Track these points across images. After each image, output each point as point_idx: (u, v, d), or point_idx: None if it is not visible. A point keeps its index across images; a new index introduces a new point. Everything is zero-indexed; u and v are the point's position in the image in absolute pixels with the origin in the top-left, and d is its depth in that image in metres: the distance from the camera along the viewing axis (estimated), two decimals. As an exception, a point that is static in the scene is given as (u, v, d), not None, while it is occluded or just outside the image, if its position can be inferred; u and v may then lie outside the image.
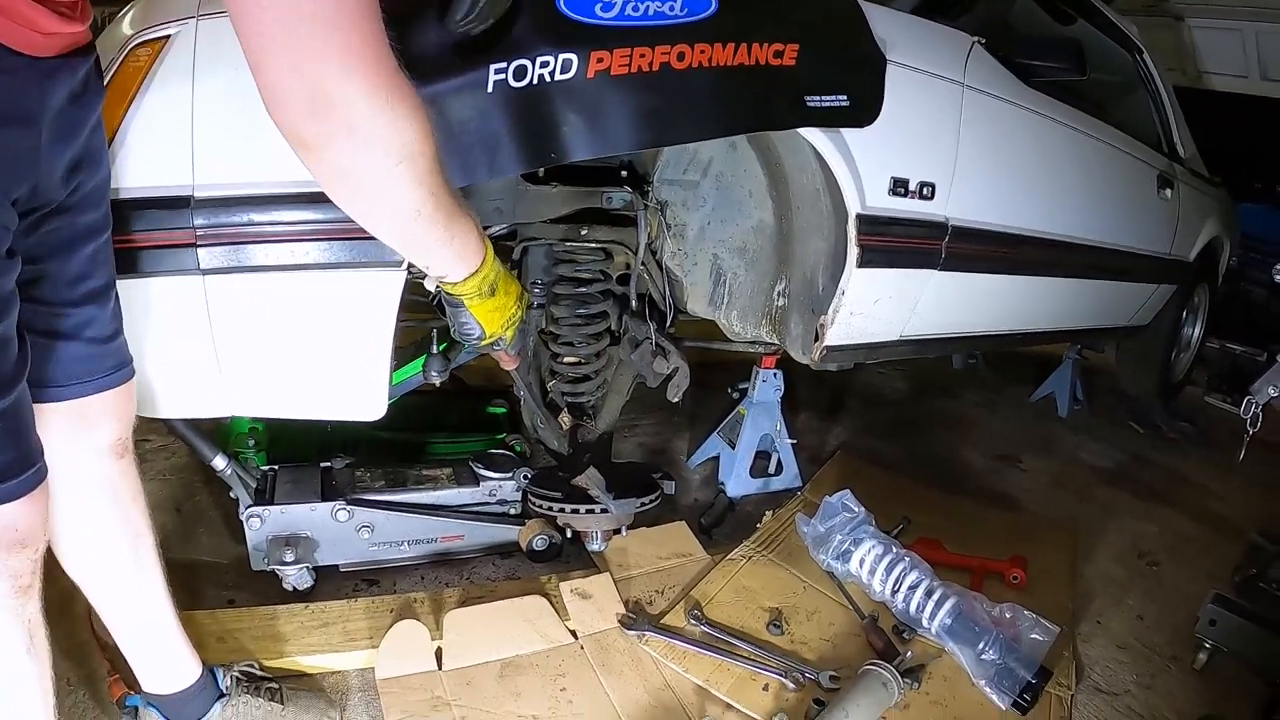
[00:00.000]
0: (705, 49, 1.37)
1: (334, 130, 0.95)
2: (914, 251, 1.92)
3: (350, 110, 0.94)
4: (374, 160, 0.99)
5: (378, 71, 0.94)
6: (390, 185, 1.03)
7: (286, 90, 0.92)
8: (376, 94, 0.94)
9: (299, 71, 0.91)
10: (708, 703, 1.66)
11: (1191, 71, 4.89)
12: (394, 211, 1.08)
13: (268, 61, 0.91)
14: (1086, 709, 1.85)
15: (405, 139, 0.99)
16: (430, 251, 1.21)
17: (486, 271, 1.29)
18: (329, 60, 0.90)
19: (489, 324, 1.39)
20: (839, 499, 2.11)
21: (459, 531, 2.04)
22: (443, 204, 1.11)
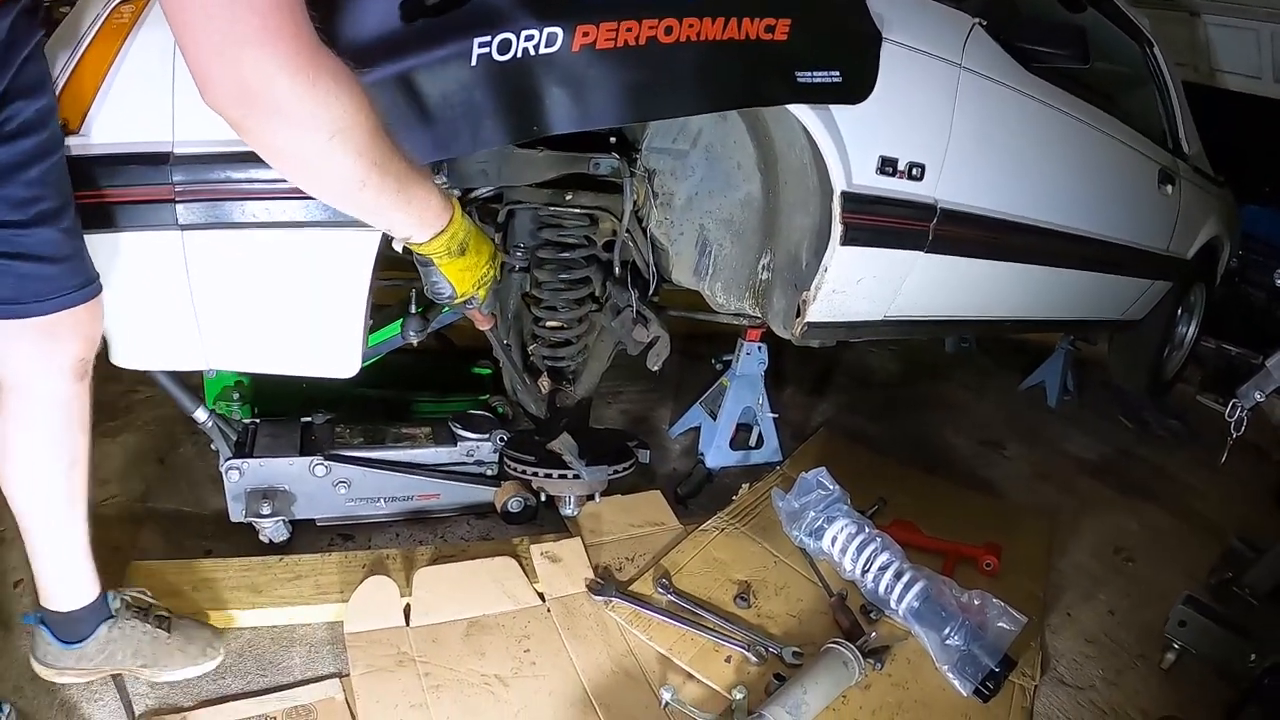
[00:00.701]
0: (694, 23, 1.35)
1: (260, 112, 0.98)
2: (900, 232, 1.91)
3: (273, 91, 0.96)
4: (304, 137, 1.02)
5: (297, 51, 0.96)
6: (326, 160, 1.05)
7: (211, 75, 0.96)
8: (298, 74, 0.96)
9: (220, 56, 0.94)
10: (669, 671, 1.68)
11: (1205, 69, 4.83)
12: (337, 183, 1.11)
13: (191, 47, 0.94)
14: (1049, 701, 1.86)
15: (334, 114, 1.01)
16: (386, 217, 1.23)
17: (454, 231, 1.31)
18: (247, 44, 0.93)
19: (460, 283, 1.41)
20: (815, 476, 2.12)
21: (435, 490, 2.06)
22: (391, 170, 1.12)
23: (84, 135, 1.23)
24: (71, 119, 1.22)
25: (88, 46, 1.23)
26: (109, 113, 1.23)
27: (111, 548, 1.84)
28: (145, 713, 1.46)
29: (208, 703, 1.49)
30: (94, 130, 1.23)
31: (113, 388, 2.52)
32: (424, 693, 1.52)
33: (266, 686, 1.55)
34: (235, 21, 0.91)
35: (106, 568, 1.74)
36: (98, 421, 2.29)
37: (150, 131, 1.24)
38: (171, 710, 1.47)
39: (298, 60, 0.96)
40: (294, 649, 1.65)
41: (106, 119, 1.24)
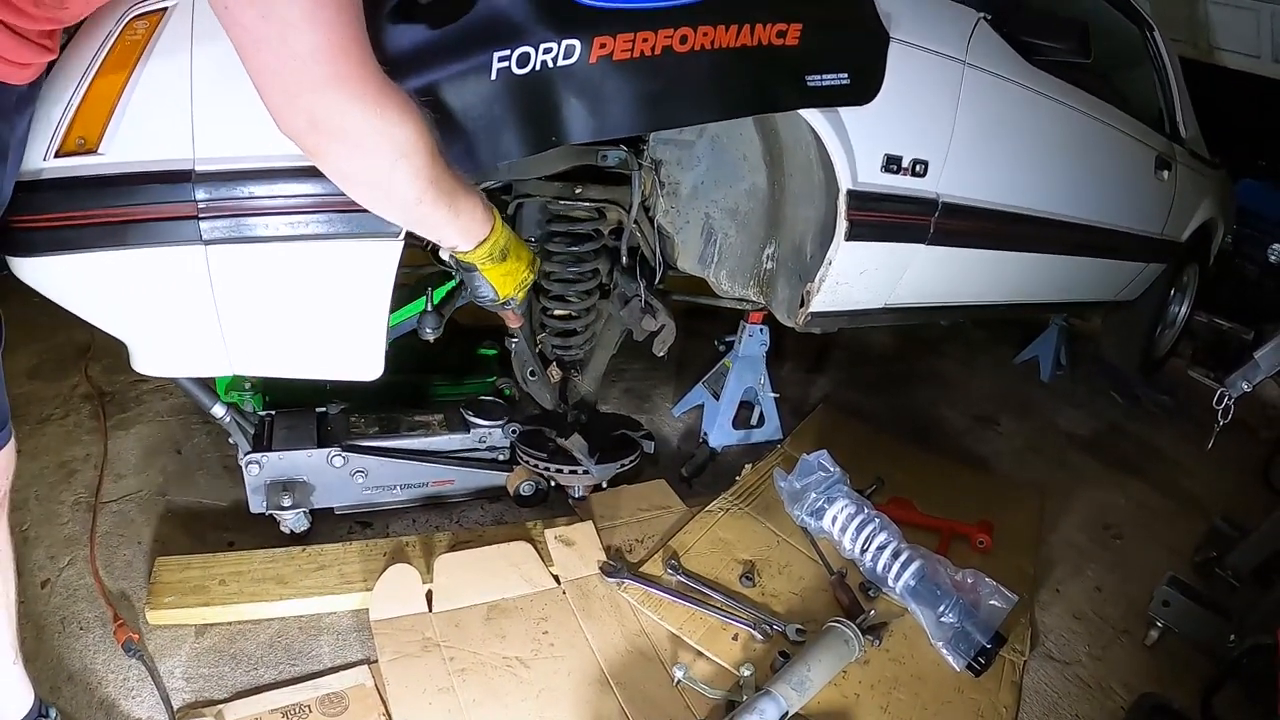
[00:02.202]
0: (708, 31, 1.37)
1: (331, 142, 1.06)
2: (903, 226, 1.95)
3: (343, 126, 1.04)
4: (371, 163, 1.10)
5: (364, 90, 1.03)
6: (389, 181, 1.13)
7: (285, 113, 1.03)
8: (367, 110, 1.04)
9: (295, 99, 1.01)
10: (680, 650, 1.76)
11: (1204, 46, 4.83)
12: (397, 202, 1.18)
13: (266, 91, 1.02)
14: (1038, 675, 1.95)
15: (397, 142, 1.08)
16: (437, 229, 1.30)
17: (495, 239, 1.37)
18: (319, 90, 1.00)
19: (502, 287, 1.48)
20: (816, 458, 2.19)
21: (449, 476, 2.12)
22: (444, 188, 1.19)
23: (102, 154, 1.23)
24: (89, 138, 1.23)
25: (102, 64, 1.22)
26: (127, 131, 1.24)
27: (135, 543, 1.91)
28: (183, 707, 1.52)
29: (243, 694, 1.56)
30: (113, 149, 1.24)
31: (121, 378, 2.57)
32: (450, 676, 1.60)
33: (297, 676, 1.61)
34: (305, 72, 0.99)
35: (131, 565, 1.84)
36: (111, 414, 2.37)
37: (171, 149, 1.25)
38: (208, 703, 1.53)
39: (365, 97, 1.03)
40: (322, 637, 1.71)
41: (125, 138, 1.24)
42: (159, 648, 1.64)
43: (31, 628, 1.64)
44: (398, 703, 1.53)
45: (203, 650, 1.65)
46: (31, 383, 2.51)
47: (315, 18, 0.95)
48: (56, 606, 1.71)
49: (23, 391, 2.45)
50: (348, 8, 0.98)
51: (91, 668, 1.58)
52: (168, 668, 1.60)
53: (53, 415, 2.37)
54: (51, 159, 1.23)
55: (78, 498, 2.03)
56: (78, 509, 1.99)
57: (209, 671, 1.60)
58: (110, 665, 1.59)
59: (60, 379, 2.55)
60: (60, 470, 2.13)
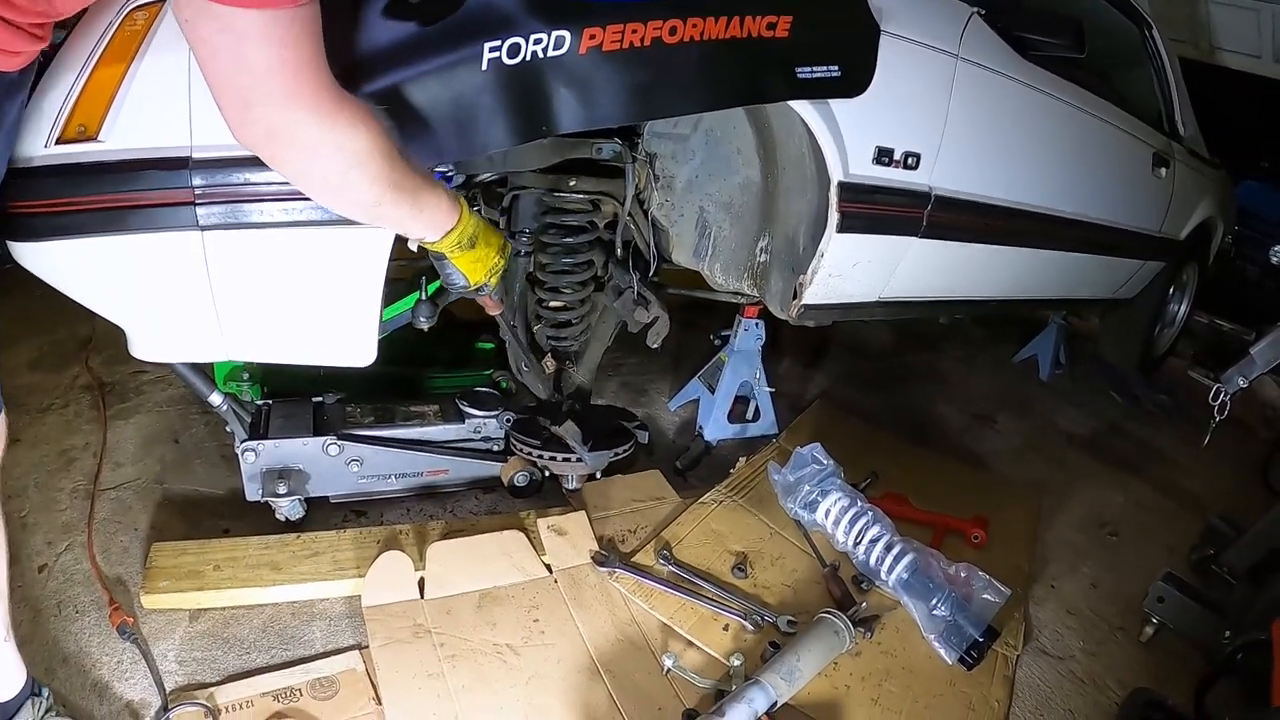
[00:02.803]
0: (698, 22, 1.39)
1: (286, 151, 1.10)
2: (895, 219, 1.96)
3: (298, 138, 1.07)
4: (326, 169, 1.13)
5: (318, 103, 1.06)
6: (346, 186, 1.16)
7: (242, 125, 1.05)
8: (321, 122, 1.07)
9: (249, 110, 1.04)
10: (670, 639, 1.77)
11: (1204, 46, 4.83)
12: (356, 205, 1.21)
13: (223, 102, 1.04)
14: (1031, 670, 1.94)
15: (352, 150, 1.11)
16: (403, 225, 1.34)
17: (463, 228, 1.39)
18: (274, 103, 1.03)
19: (472, 274, 1.50)
20: (810, 451, 2.19)
21: (444, 466, 2.14)
22: (405, 188, 1.22)
23: (102, 141, 1.25)
24: (89, 125, 1.25)
25: (102, 54, 1.25)
26: (127, 119, 1.26)
27: (132, 530, 1.93)
28: (175, 689, 1.54)
29: (234, 677, 1.57)
30: (113, 136, 1.26)
31: (121, 369, 2.59)
32: (440, 662, 1.61)
33: (289, 660, 1.63)
34: (261, 81, 1.01)
35: (127, 551, 1.85)
36: (111, 404, 2.39)
37: (169, 137, 1.27)
38: (200, 686, 1.55)
39: (319, 110, 1.06)
40: (314, 623, 1.73)
41: (125, 125, 1.26)
42: (153, 631, 1.65)
43: (28, 611, 1.65)
44: (388, 687, 1.54)
45: (196, 634, 1.66)
46: (33, 374, 2.54)
47: (270, 34, 0.97)
48: (53, 591, 1.73)
49: (24, 382, 2.48)
50: (303, 24, 1.00)
51: (86, 650, 1.60)
52: (161, 651, 1.61)
53: (53, 405, 2.39)
54: (52, 146, 1.25)
55: (76, 485, 2.05)
56: (76, 496, 2.01)
57: (202, 655, 1.62)
58: (104, 648, 1.60)
59: (61, 370, 2.58)
60: (60, 459, 2.15)
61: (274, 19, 0.97)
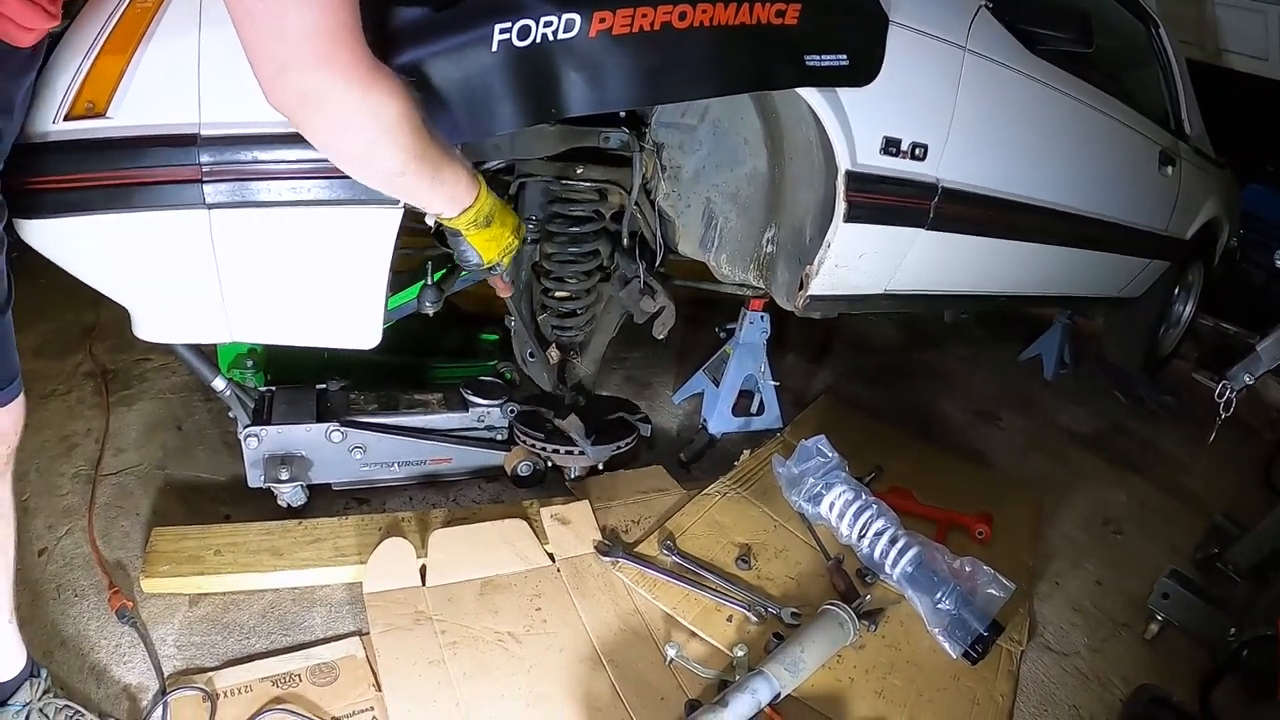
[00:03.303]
0: (707, 8, 1.39)
1: (318, 116, 1.10)
2: (902, 210, 1.95)
3: (329, 102, 1.08)
4: (355, 136, 1.14)
5: (353, 70, 1.06)
6: (373, 154, 1.16)
7: (275, 87, 1.06)
8: (352, 87, 1.07)
9: (284, 74, 1.05)
10: (674, 630, 1.76)
11: (1211, 48, 4.81)
12: (381, 173, 1.21)
13: (258, 65, 1.05)
14: (1035, 665, 1.94)
15: (382, 119, 1.11)
16: (421, 197, 1.33)
17: (480, 205, 1.40)
18: (307, 66, 1.04)
19: (486, 252, 1.51)
20: (814, 443, 2.18)
21: (448, 455, 2.13)
22: (428, 159, 1.22)
23: (110, 118, 1.25)
24: (97, 102, 1.25)
25: (112, 30, 1.25)
26: (135, 96, 1.26)
27: (133, 515, 1.92)
28: (173, 673, 1.53)
29: (234, 662, 1.56)
30: (121, 113, 1.26)
31: (124, 356, 2.59)
32: (441, 649, 1.60)
33: (289, 645, 1.62)
34: (295, 49, 1.02)
35: (128, 536, 1.84)
36: (114, 390, 2.39)
37: (177, 114, 1.27)
38: (198, 670, 1.54)
39: (352, 76, 1.06)
40: (315, 609, 1.72)
41: (133, 102, 1.26)
42: (152, 616, 1.65)
43: (27, 594, 1.65)
44: (388, 674, 1.53)
45: (196, 619, 1.65)
46: (37, 360, 2.53)
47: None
48: (53, 574, 1.72)
49: (28, 368, 2.40)
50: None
51: (85, 634, 1.59)
52: (160, 635, 1.60)
53: (56, 391, 2.39)
54: (60, 122, 1.25)
55: (78, 470, 2.05)
56: (78, 481, 2.00)
57: (201, 640, 1.61)
58: (103, 632, 1.59)
59: (65, 357, 2.57)
60: (62, 444, 2.14)
61: None
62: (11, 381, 1.19)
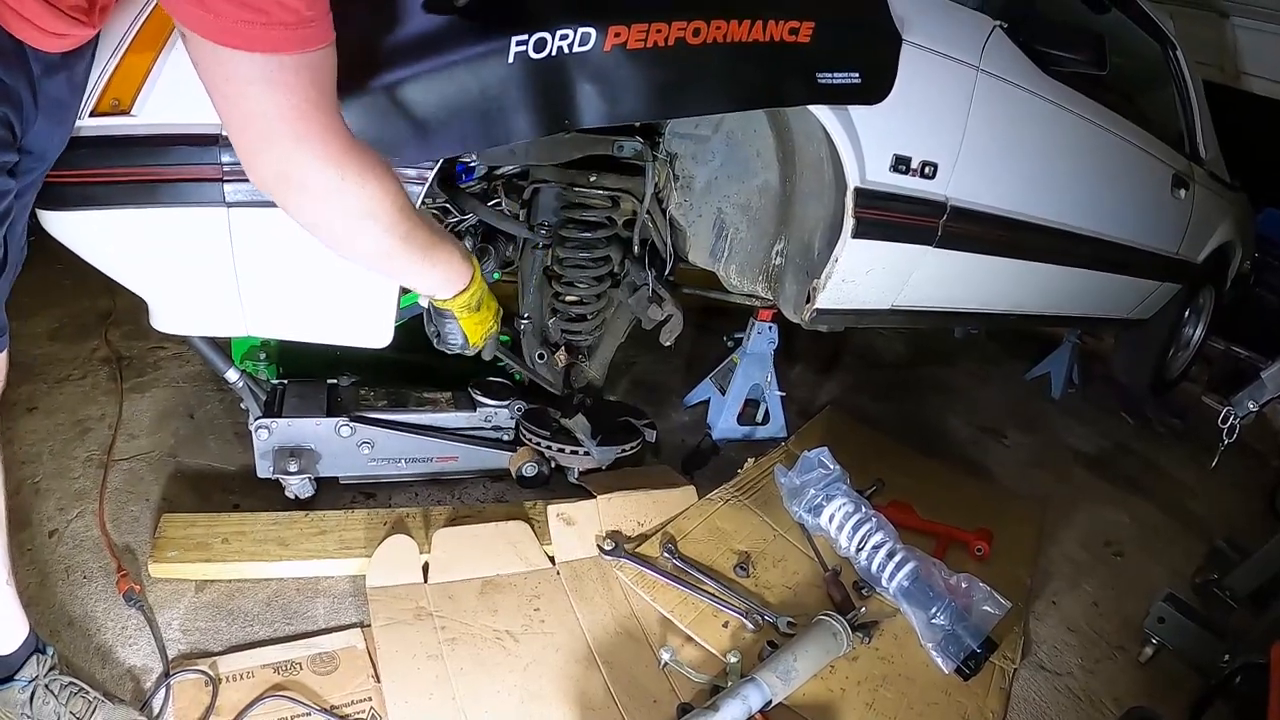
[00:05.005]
0: (721, 25, 1.41)
1: (295, 196, 1.10)
2: (910, 227, 1.97)
3: (306, 182, 1.07)
4: (335, 218, 1.14)
5: (326, 150, 1.05)
6: (356, 236, 1.17)
7: (252, 164, 1.06)
8: (328, 169, 1.06)
9: (260, 153, 1.05)
10: (669, 634, 1.78)
11: (1230, 70, 4.80)
12: (366, 253, 1.23)
13: (236, 143, 1.06)
14: (1028, 684, 1.95)
15: (361, 200, 1.11)
16: (414, 279, 1.35)
17: (474, 289, 1.42)
18: (284, 144, 1.03)
19: (473, 335, 1.53)
20: (816, 455, 2.20)
21: (454, 453, 2.16)
22: (417, 241, 1.23)
23: (135, 116, 1.27)
24: (123, 99, 1.27)
25: (139, 30, 1.26)
26: (160, 95, 1.28)
27: (143, 500, 1.96)
28: (177, 657, 1.56)
29: (237, 648, 1.59)
30: (145, 111, 1.28)
31: (139, 344, 2.63)
32: (440, 645, 1.62)
33: (292, 634, 1.65)
34: (273, 124, 1.01)
35: (138, 521, 1.88)
36: (128, 377, 2.43)
37: (200, 114, 1.27)
38: (202, 655, 1.57)
39: (328, 157, 1.06)
40: (318, 600, 1.75)
41: (157, 101, 1.28)
42: (159, 600, 1.68)
43: (36, 574, 1.69)
44: (387, 666, 1.56)
45: (201, 604, 1.69)
46: (52, 344, 2.57)
47: (271, 80, 0.97)
48: (62, 556, 1.75)
49: (43, 352, 2.51)
50: (311, 69, 1.00)
51: (92, 615, 1.62)
52: (166, 619, 1.64)
53: (71, 376, 2.43)
54: (86, 118, 1.27)
55: (90, 454, 2.08)
56: (90, 465, 2.04)
57: (206, 625, 1.64)
58: (110, 614, 1.63)
59: (80, 342, 2.61)
60: (75, 428, 2.18)
61: (278, 64, 0.97)
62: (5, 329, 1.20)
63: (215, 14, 0.92)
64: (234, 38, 0.94)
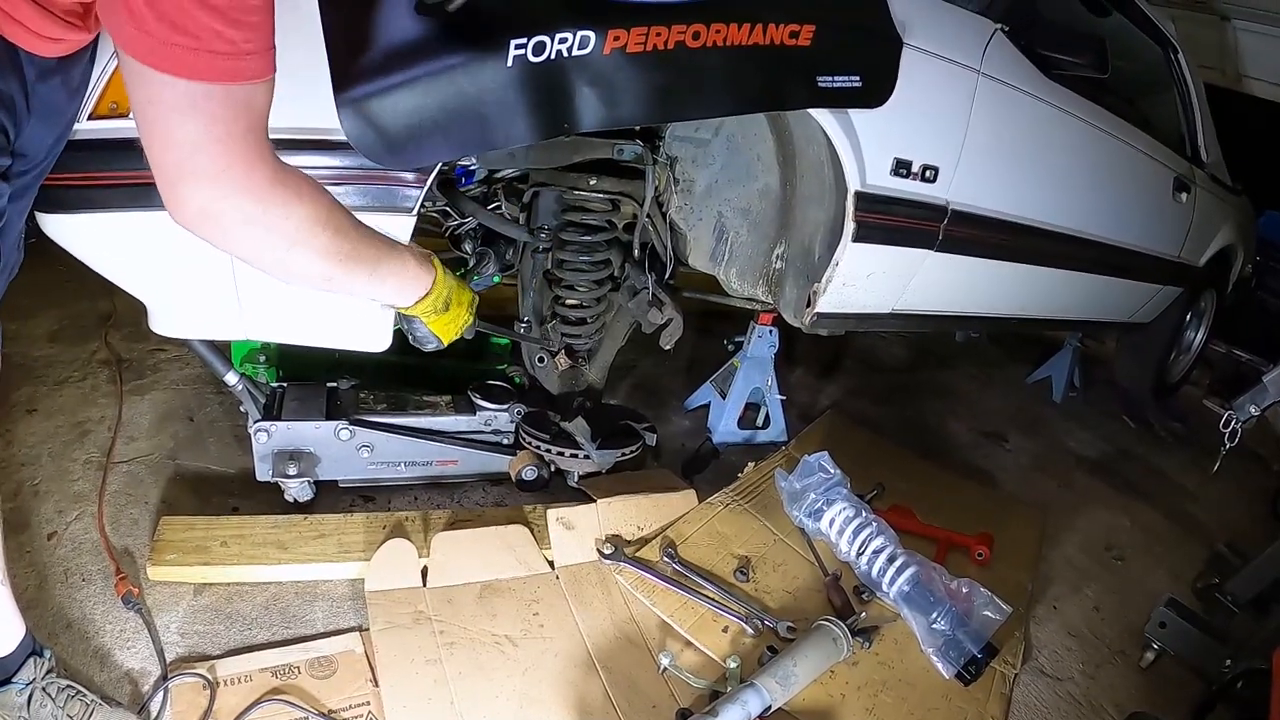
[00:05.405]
0: (721, 28, 1.40)
1: (220, 231, 1.04)
2: (911, 231, 1.96)
3: (226, 217, 1.01)
4: (263, 249, 1.09)
5: (249, 183, 0.99)
6: (289, 264, 1.12)
7: (172, 200, 0.99)
8: (248, 203, 1.01)
9: (177, 186, 0.98)
10: (669, 638, 1.78)
11: (1231, 73, 4.80)
12: (305, 279, 1.17)
13: (156, 177, 0.99)
14: (1029, 689, 1.94)
15: (288, 230, 1.06)
16: (366, 294, 1.30)
17: (438, 292, 1.38)
18: (202, 177, 0.97)
19: (444, 335, 1.49)
20: (817, 459, 2.20)
21: (454, 457, 2.15)
22: (359, 258, 1.18)
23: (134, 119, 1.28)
24: (121, 103, 1.26)
25: None
26: None
27: (142, 503, 1.96)
28: (175, 660, 1.56)
29: (235, 651, 1.59)
30: None
31: (139, 346, 2.63)
32: (439, 649, 1.62)
33: (290, 638, 1.65)
34: (189, 157, 0.95)
35: (137, 524, 1.88)
36: (127, 380, 2.43)
37: None
38: (200, 658, 1.56)
39: (248, 191, 1.00)
40: (317, 604, 1.75)
41: None
42: (157, 603, 1.68)
43: (34, 576, 1.68)
44: (386, 670, 1.56)
45: (200, 608, 1.68)
46: (52, 346, 2.57)
47: (195, 108, 0.92)
48: (61, 558, 1.75)
49: (43, 354, 2.51)
50: (234, 102, 0.94)
51: (90, 618, 1.62)
52: (164, 622, 1.63)
53: (71, 378, 2.43)
54: (85, 121, 1.27)
55: (89, 457, 2.08)
56: (89, 467, 2.04)
57: (204, 628, 1.64)
58: (109, 616, 1.62)
59: (80, 344, 2.61)
60: (74, 430, 2.18)
61: (205, 92, 0.91)
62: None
63: (147, 33, 0.87)
64: (163, 60, 0.89)
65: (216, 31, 0.89)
